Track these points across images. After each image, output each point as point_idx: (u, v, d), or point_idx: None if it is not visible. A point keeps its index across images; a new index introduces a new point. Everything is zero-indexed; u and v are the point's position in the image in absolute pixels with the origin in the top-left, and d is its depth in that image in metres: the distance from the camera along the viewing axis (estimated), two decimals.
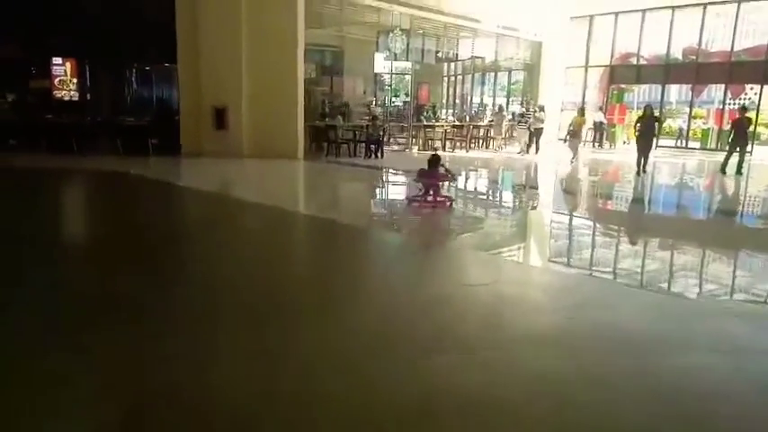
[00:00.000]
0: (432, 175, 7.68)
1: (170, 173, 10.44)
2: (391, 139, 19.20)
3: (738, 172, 12.71)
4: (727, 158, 12.82)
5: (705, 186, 12.84)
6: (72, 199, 8.59)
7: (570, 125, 15.33)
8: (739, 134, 12.71)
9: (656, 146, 15.78)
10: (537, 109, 17.12)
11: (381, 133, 14.35)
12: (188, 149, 12.87)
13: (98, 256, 5.10)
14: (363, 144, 14.37)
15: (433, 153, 8.44)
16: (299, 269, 4.90)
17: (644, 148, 12.41)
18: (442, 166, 7.86)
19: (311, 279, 4.54)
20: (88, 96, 14.44)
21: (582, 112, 15.95)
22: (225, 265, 4.78)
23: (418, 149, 16.77)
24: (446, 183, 8.07)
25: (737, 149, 12.75)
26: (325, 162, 13.39)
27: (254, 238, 5.92)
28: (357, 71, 20.18)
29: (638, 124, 12.78)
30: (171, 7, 12.54)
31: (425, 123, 17.24)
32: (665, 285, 4.98)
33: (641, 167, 12.45)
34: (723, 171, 12.73)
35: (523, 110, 18.51)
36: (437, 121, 18.33)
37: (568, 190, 11.59)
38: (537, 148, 16.48)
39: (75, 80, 14.18)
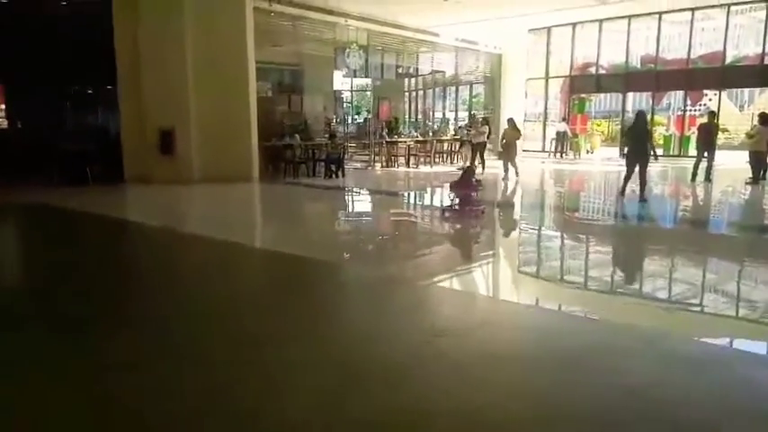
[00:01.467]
0: (466, 185, 8.28)
1: (108, 204, 9.29)
2: (354, 157, 18.47)
3: (707, 178, 12.27)
4: (696, 165, 12.34)
5: (686, 196, 11.95)
6: None
7: (502, 138, 13.75)
8: (707, 140, 12.28)
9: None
10: (479, 121, 15.33)
11: (341, 151, 13.47)
12: (133, 176, 11.73)
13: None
14: (323, 163, 13.48)
15: (468, 166, 9.33)
16: (250, 329, 3.89)
17: (633, 164, 9.48)
18: (474, 177, 8.57)
19: (260, 342, 3.57)
20: (19, 124, 13.13)
21: (513, 124, 13.53)
22: (158, 321, 3.79)
23: (381, 166, 15.95)
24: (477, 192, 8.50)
25: (705, 156, 12.33)
26: (282, 184, 12.42)
27: (195, 284, 4.92)
28: (317, 89, 19.43)
29: (626, 138, 10.12)
30: (111, 26, 11.49)
31: (388, 139, 16.45)
32: (688, 332, 4.14)
33: (630, 189, 9.71)
34: (694, 178, 12.25)
35: (467, 124, 16.31)
36: (399, 136, 17.57)
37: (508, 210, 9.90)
38: (482, 164, 14.13)
39: (2, 106, 12.88)
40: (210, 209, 9.72)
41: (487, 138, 14.40)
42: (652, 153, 9.66)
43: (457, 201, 8.32)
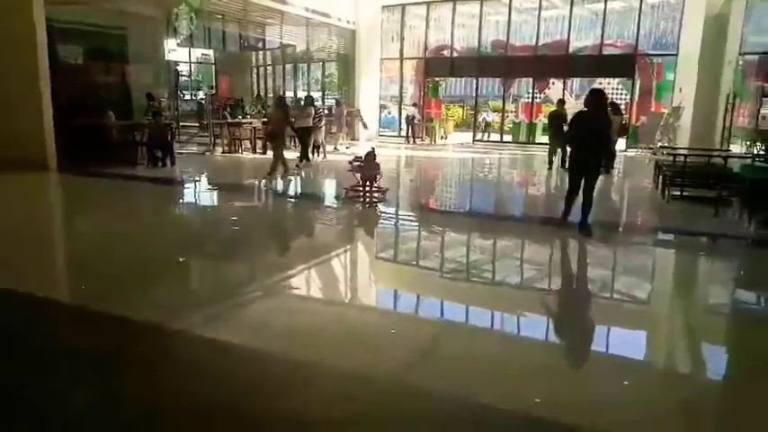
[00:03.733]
0: (371, 167, 7.77)
1: None
2: (194, 140, 15.93)
3: (563, 166, 12.01)
4: (551, 153, 12.05)
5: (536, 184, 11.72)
6: None
7: (267, 123, 11.44)
8: (560, 128, 11.98)
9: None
10: (301, 102, 12.72)
11: (169, 133, 11.04)
12: None
13: None
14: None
15: (369, 150, 8.10)
16: None
17: (581, 173, 6.17)
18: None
19: None
20: None
21: (279, 102, 10.60)
22: None
23: (223, 151, 13.69)
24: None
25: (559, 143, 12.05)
26: (87, 175, 9.73)
27: None
28: (145, 58, 16.40)
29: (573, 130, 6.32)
30: None
31: (230, 120, 14.17)
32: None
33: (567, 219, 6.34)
34: (550, 166, 11.92)
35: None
36: (244, 117, 15.37)
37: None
38: (305, 153, 11.47)
39: None
40: None
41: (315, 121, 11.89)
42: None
43: (360, 183, 7.84)
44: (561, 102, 12.69)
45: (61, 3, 12.74)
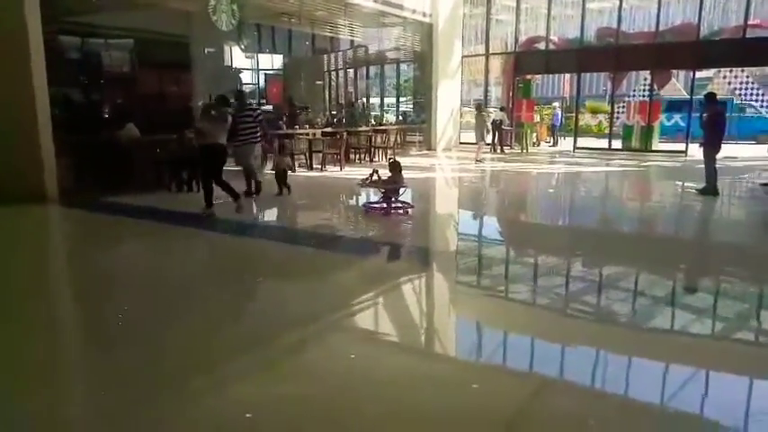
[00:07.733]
0: (395, 180, 6.94)
1: None
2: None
3: (713, 189, 8.34)
4: (712, 174, 8.25)
5: None
6: None
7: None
8: (718, 133, 8.35)
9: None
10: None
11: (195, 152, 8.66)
12: None
13: None
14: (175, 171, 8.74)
15: (392, 159, 7.32)
16: None
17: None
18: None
19: None
20: None
21: (222, 102, 7.39)
22: None
23: (272, 169, 11.26)
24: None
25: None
26: (93, 208, 7.50)
27: None
28: (206, 66, 14.60)
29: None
30: None
31: (281, 132, 11.72)
32: None
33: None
34: (716, 192, 8.22)
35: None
36: (303, 126, 12.97)
37: None
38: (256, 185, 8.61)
39: None
40: None
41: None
42: None
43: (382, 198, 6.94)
44: (713, 97, 8.75)
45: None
